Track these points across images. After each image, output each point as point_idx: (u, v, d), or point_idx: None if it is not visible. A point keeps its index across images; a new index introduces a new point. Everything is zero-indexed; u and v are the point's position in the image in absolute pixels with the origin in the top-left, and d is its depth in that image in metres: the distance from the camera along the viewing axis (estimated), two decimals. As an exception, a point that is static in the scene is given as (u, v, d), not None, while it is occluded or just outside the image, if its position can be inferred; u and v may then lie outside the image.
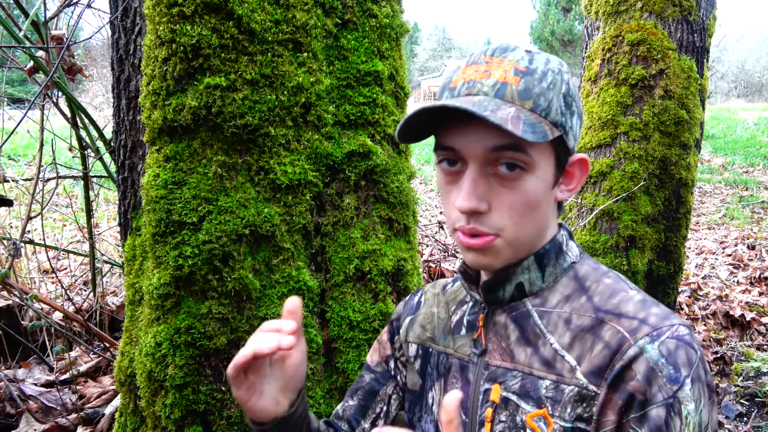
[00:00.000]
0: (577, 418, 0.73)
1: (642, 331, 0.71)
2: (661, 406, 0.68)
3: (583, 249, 0.87)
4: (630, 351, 0.71)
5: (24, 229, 2.42)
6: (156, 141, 1.22)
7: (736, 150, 9.68)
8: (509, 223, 0.75)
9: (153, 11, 1.18)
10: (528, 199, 0.75)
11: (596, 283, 0.80)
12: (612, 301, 0.77)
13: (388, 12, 1.42)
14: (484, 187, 0.74)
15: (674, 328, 0.71)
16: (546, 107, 0.73)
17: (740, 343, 3.20)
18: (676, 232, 2.66)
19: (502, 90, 0.73)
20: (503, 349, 0.82)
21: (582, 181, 0.84)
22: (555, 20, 25.53)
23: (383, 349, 1.03)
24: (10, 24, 1.97)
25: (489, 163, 0.74)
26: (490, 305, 0.85)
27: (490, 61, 0.75)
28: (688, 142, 2.60)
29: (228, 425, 1.21)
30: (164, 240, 1.18)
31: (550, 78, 0.75)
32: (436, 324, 0.94)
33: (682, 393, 0.68)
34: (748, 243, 5.24)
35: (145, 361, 1.20)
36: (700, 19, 2.63)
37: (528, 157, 0.73)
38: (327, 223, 1.33)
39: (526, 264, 0.81)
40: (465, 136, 0.74)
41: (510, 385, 0.79)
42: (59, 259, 3.72)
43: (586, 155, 0.82)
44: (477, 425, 0.81)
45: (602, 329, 0.74)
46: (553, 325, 0.79)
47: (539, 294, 0.82)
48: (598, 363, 0.73)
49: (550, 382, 0.76)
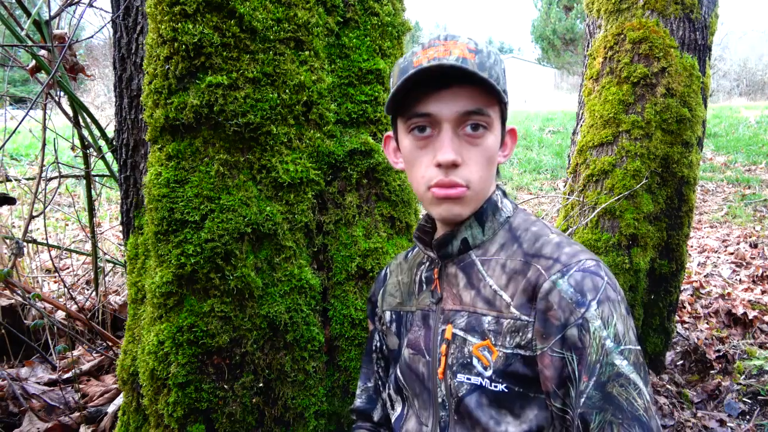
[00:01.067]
0: (516, 346, 0.87)
1: (555, 268, 0.85)
2: (573, 327, 0.81)
3: (517, 204, 1.02)
4: (545, 285, 0.84)
5: (26, 228, 2.42)
6: (158, 139, 1.22)
7: (739, 148, 9.66)
8: (476, 177, 0.90)
9: (155, 10, 1.18)
10: (489, 155, 0.90)
11: (525, 232, 0.94)
12: (536, 245, 0.91)
13: (389, 10, 1.42)
14: (457, 143, 0.88)
15: (581, 262, 0.85)
16: (496, 78, 0.88)
17: (743, 342, 3.19)
18: (678, 230, 2.65)
19: (465, 63, 0.86)
20: (454, 295, 0.96)
21: (513, 149, 0.99)
22: (556, 19, 25.50)
23: (370, 327, 1.18)
24: (12, 23, 1.97)
25: (459, 125, 0.88)
26: (442, 260, 0.99)
27: (446, 44, 0.88)
28: (690, 140, 2.59)
29: (230, 423, 1.21)
30: (166, 238, 1.18)
31: (493, 57, 0.90)
32: (402, 289, 1.09)
33: (588, 313, 0.81)
34: (750, 241, 5.23)
35: (148, 359, 1.21)
36: (702, 17, 2.63)
37: (489, 119, 0.89)
38: (329, 222, 1.33)
39: (468, 222, 0.95)
40: (438, 102, 0.87)
41: (458, 323, 0.93)
42: (62, 258, 3.73)
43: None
44: (437, 361, 0.95)
45: (528, 269, 0.88)
46: (492, 270, 0.92)
47: (481, 246, 0.96)
48: (525, 297, 0.87)
49: (492, 317, 0.90)
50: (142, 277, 1.41)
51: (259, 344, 1.23)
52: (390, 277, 1.14)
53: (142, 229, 1.44)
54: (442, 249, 0.98)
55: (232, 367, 1.21)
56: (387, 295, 1.12)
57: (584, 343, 0.81)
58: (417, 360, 0.99)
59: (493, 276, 0.92)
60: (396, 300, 1.10)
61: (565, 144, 9.75)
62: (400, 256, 1.16)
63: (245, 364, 1.22)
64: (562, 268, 0.84)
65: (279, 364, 1.25)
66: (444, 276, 0.99)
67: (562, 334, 0.82)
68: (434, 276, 1.01)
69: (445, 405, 0.94)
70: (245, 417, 1.22)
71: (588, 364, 0.80)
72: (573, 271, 0.84)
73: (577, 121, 2.90)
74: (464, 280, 0.95)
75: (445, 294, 0.98)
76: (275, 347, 1.25)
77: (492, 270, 0.92)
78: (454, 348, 0.93)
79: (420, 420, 0.99)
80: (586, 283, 0.83)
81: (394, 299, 1.10)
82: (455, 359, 0.92)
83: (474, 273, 0.94)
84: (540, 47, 27.79)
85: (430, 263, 1.03)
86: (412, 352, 1.01)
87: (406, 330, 1.05)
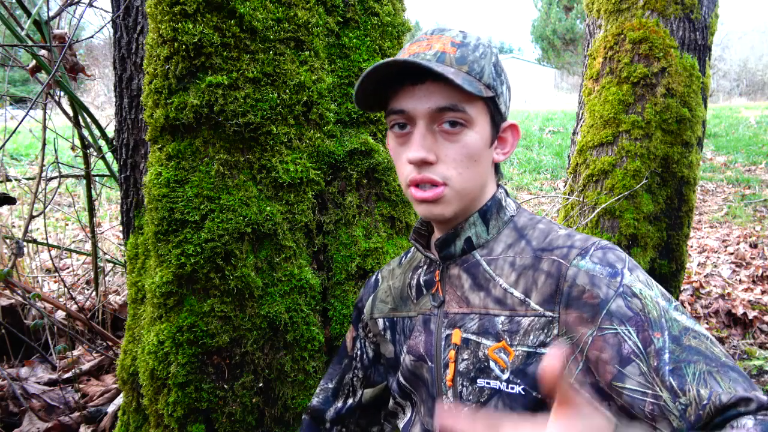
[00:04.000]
0: (540, 344, 0.83)
1: (573, 253, 0.83)
2: (617, 297, 0.77)
3: (519, 204, 0.99)
4: (569, 271, 0.81)
5: (27, 228, 2.43)
6: (158, 139, 1.22)
7: (738, 148, 9.66)
8: (455, 173, 0.86)
9: (155, 10, 1.18)
10: (469, 152, 0.86)
11: (532, 230, 0.92)
12: (546, 240, 0.88)
13: (389, 10, 1.42)
14: (431, 141, 0.85)
15: (597, 242, 0.83)
16: (479, 71, 0.86)
17: (743, 342, 3.19)
18: (678, 230, 2.65)
19: (441, 57, 0.84)
20: (459, 297, 0.92)
21: (515, 146, 0.95)
22: (556, 19, 25.49)
23: (350, 333, 1.15)
24: (12, 23, 1.97)
25: (434, 122, 0.85)
26: (444, 261, 0.95)
27: (430, 38, 0.87)
28: (690, 141, 2.59)
29: (230, 423, 1.21)
30: (166, 238, 1.18)
31: (482, 49, 0.87)
32: (394, 294, 1.05)
33: (626, 279, 0.78)
34: (750, 241, 5.23)
35: (148, 359, 1.21)
36: (702, 17, 2.63)
37: (467, 115, 0.85)
38: (329, 222, 1.33)
39: (471, 220, 0.92)
40: (411, 98, 0.85)
41: (469, 327, 0.89)
42: (62, 258, 3.73)
43: (516, 122, 0.95)
44: (442, 368, 0.91)
45: (541, 263, 0.85)
46: (500, 269, 0.89)
47: (485, 245, 0.93)
48: (547, 291, 0.83)
49: (505, 317, 0.86)
50: (142, 277, 1.41)
51: (259, 344, 1.23)
52: (381, 284, 1.10)
53: (142, 229, 1.44)
54: (444, 249, 0.94)
55: (232, 367, 1.21)
56: (378, 302, 1.08)
57: (637, 308, 0.76)
58: (420, 366, 0.96)
59: (502, 275, 0.88)
60: (388, 306, 1.05)
61: (565, 144, 9.74)
62: (393, 262, 1.12)
63: (245, 364, 1.22)
64: (580, 251, 0.82)
65: (279, 364, 1.25)
66: (446, 278, 0.95)
67: (607, 309, 0.77)
68: (435, 278, 0.96)
69: None
70: (245, 417, 1.22)
71: (653, 321, 0.75)
72: (592, 251, 0.82)
73: (577, 121, 2.90)
74: (470, 282, 0.91)
75: (448, 297, 0.94)
76: (275, 347, 1.25)
77: (500, 269, 0.89)
78: (467, 353, 0.88)
79: (425, 427, 0.96)
80: (610, 257, 0.81)
81: (386, 305, 1.06)
82: (470, 365, 0.88)
83: (480, 273, 0.91)
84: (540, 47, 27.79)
85: (429, 265, 0.99)
86: (413, 358, 0.97)
87: (404, 336, 1.01)
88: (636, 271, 0.80)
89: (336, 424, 1.11)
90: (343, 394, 1.12)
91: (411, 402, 1.03)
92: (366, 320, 1.10)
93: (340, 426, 1.11)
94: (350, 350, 1.13)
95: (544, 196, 7.01)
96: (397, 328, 1.03)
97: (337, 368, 1.14)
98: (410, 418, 1.03)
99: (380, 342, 1.07)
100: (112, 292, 2.90)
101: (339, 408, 1.11)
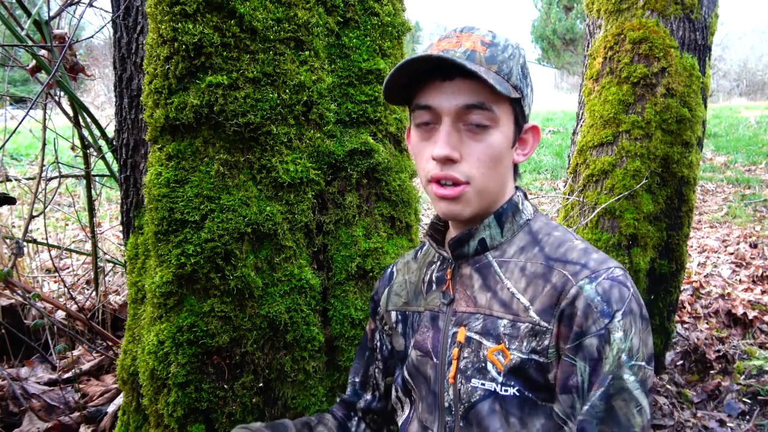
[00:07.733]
0: (531, 351, 0.84)
1: (583, 273, 0.82)
2: (594, 336, 0.79)
3: (536, 207, 0.99)
4: (572, 290, 0.81)
5: (27, 228, 2.43)
6: (158, 139, 1.22)
7: (738, 148, 9.65)
8: (477, 173, 0.86)
9: (155, 10, 1.18)
10: (493, 152, 0.87)
11: (547, 236, 0.91)
12: (560, 250, 0.88)
13: (389, 10, 1.42)
14: (456, 138, 0.85)
15: (610, 270, 0.82)
16: (508, 72, 0.86)
17: (742, 342, 3.19)
18: (678, 230, 2.65)
19: (472, 56, 0.84)
20: (468, 297, 0.93)
21: (535, 148, 0.96)
22: (556, 19, 25.49)
23: (369, 325, 1.17)
24: (12, 23, 1.97)
25: (460, 119, 0.85)
26: (456, 260, 0.96)
27: (460, 36, 0.87)
28: (690, 141, 2.59)
29: (230, 423, 1.21)
30: (166, 238, 1.18)
31: (510, 51, 0.88)
32: (409, 289, 1.06)
33: (612, 324, 0.79)
34: (750, 241, 5.23)
35: (148, 359, 1.21)
36: (702, 17, 2.63)
37: (493, 114, 0.85)
38: (329, 222, 1.33)
39: (487, 222, 0.92)
40: (439, 95, 0.85)
41: (473, 326, 0.90)
42: (62, 258, 3.73)
43: (538, 123, 0.94)
44: (446, 365, 0.92)
45: (551, 274, 0.85)
46: (510, 273, 0.90)
47: (499, 247, 0.93)
48: (547, 302, 0.84)
49: (508, 321, 0.87)
50: (142, 277, 1.41)
51: (259, 344, 1.23)
52: (396, 276, 1.11)
53: (142, 229, 1.44)
54: (457, 248, 0.95)
55: (232, 367, 1.21)
56: (393, 295, 1.09)
57: (602, 354, 0.79)
58: (425, 362, 0.96)
59: (511, 278, 0.89)
60: (402, 300, 1.07)
61: (565, 144, 9.74)
62: (408, 255, 1.13)
63: (245, 364, 1.22)
64: (591, 274, 0.82)
65: (279, 364, 1.25)
66: (457, 277, 0.96)
67: (579, 342, 0.80)
68: (447, 276, 0.97)
69: (451, 410, 0.91)
70: (245, 417, 1.22)
71: (601, 374, 0.79)
72: (602, 279, 0.81)
73: (577, 121, 2.90)
74: (479, 282, 0.92)
75: (458, 295, 0.94)
76: (275, 347, 1.25)
77: (510, 272, 0.90)
78: (468, 352, 0.90)
79: (423, 424, 0.97)
80: (614, 293, 0.80)
81: (400, 299, 1.07)
82: (469, 363, 0.89)
83: (490, 275, 0.91)
84: (540, 47, 27.77)
85: (442, 263, 1.00)
86: (419, 353, 0.98)
87: (413, 330, 1.02)
88: (627, 317, 0.80)
89: (367, 414, 1.14)
90: (370, 387, 1.15)
91: (410, 399, 1.04)
92: (382, 312, 1.12)
93: (370, 417, 1.14)
94: (370, 342, 1.15)
95: (544, 196, 7.01)
96: (408, 322, 1.04)
97: (360, 362, 1.17)
98: (408, 415, 1.04)
99: (393, 335, 1.09)
100: (112, 292, 2.90)
101: (369, 400, 1.14)
